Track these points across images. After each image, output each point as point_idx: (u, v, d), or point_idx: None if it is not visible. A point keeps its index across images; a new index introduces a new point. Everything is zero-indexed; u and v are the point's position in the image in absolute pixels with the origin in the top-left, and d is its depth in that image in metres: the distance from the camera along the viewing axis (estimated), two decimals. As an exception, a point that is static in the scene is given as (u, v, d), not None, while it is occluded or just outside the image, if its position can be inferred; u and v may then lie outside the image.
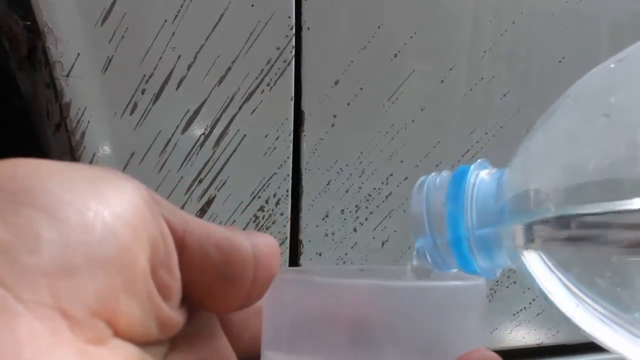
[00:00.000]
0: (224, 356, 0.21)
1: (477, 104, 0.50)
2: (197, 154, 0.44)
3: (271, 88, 0.44)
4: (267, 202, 0.46)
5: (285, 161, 0.46)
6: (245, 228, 0.46)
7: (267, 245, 0.20)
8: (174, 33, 0.42)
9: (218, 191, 0.45)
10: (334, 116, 0.46)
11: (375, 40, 0.46)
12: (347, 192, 0.48)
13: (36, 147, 0.45)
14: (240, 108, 0.44)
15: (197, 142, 0.44)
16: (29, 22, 0.39)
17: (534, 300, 0.54)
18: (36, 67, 0.41)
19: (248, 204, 0.45)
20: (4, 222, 0.15)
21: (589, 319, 0.19)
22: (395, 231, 0.49)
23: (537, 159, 0.20)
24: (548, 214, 0.18)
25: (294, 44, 0.44)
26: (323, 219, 0.47)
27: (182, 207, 0.44)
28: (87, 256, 0.16)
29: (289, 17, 0.44)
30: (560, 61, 0.52)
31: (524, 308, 0.54)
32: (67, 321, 0.15)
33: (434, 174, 0.23)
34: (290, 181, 0.46)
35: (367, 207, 0.48)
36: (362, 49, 0.46)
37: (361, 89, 0.47)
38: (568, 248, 0.18)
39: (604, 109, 0.18)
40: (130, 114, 0.42)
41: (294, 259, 0.48)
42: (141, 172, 0.42)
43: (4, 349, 0.13)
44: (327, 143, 0.46)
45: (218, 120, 0.44)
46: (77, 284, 0.15)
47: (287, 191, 0.46)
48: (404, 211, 0.49)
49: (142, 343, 0.18)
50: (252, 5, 0.43)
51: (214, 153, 0.44)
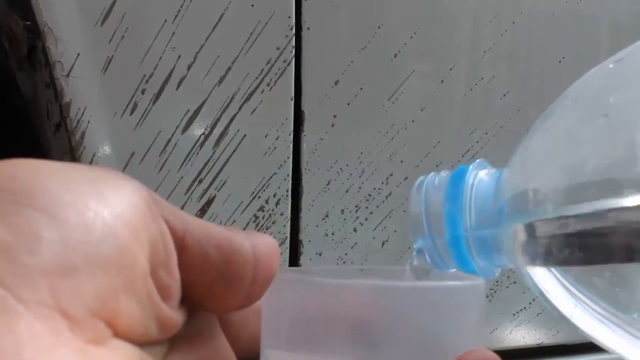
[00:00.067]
0: (223, 356, 0.21)
1: (477, 104, 0.50)
2: (197, 154, 0.44)
3: (271, 88, 0.44)
4: (267, 202, 0.46)
5: (285, 161, 0.46)
6: (245, 228, 0.46)
7: (267, 245, 0.20)
8: (174, 33, 0.42)
9: (218, 191, 0.45)
10: (334, 116, 0.46)
11: (375, 40, 0.46)
12: (347, 192, 0.48)
13: (36, 147, 0.45)
14: (240, 108, 0.44)
15: (197, 142, 0.44)
16: (29, 22, 0.39)
17: (534, 300, 0.54)
18: (36, 67, 0.41)
19: (248, 204, 0.45)
20: (4, 222, 0.15)
21: (587, 319, 0.19)
22: (395, 231, 0.49)
23: (535, 159, 0.20)
24: (546, 214, 0.18)
25: (294, 44, 0.44)
26: (323, 219, 0.47)
27: (182, 207, 0.44)
28: (87, 256, 0.16)
29: (289, 17, 0.44)
30: (560, 61, 0.52)
31: (524, 308, 0.54)
32: (67, 321, 0.15)
33: (432, 174, 0.23)
34: (290, 181, 0.46)
35: (367, 207, 0.48)
36: (362, 49, 0.46)
37: (361, 89, 0.47)
38: (566, 248, 0.18)
39: (602, 109, 0.18)
40: (130, 114, 0.42)
41: (294, 259, 0.48)
42: (141, 172, 0.42)
43: (4, 349, 0.14)
44: (327, 143, 0.46)
45: (218, 120, 0.44)
46: (77, 284, 0.15)
47: (287, 191, 0.46)
48: (404, 211, 0.49)
49: (142, 343, 0.18)
50: (252, 5, 0.43)
51: (214, 153, 0.44)
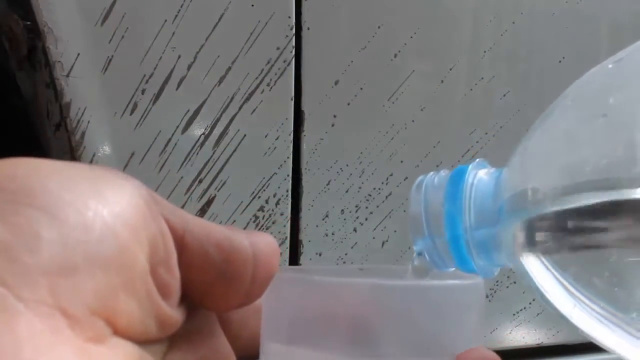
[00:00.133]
0: (223, 354, 0.21)
1: (477, 104, 0.50)
2: (197, 154, 0.44)
3: (271, 88, 0.44)
4: (267, 202, 0.46)
5: (285, 161, 0.46)
6: (245, 228, 0.46)
7: (267, 244, 0.20)
8: (174, 33, 0.42)
9: (218, 191, 0.45)
10: (334, 116, 0.46)
11: (375, 40, 0.46)
12: (347, 192, 0.48)
13: (36, 147, 0.45)
14: (240, 108, 0.44)
15: (197, 142, 0.44)
16: (29, 22, 0.39)
17: (534, 300, 0.54)
18: (36, 67, 0.41)
19: (248, 204, 0.45)
20: (4, 222, 0.15)
21: (586, 318, 0.19)
22: (395, 231, 0.49)
23: (535, 159, 0.20)
24: (545, 212, 0.18)
25: (294, 44, 0.44)
26: (323, 219, 0.47)
27: (182, 207, 0.44)
28: (87, 255, 0.16)
29: (289, 17, 0.44)
30: (560, 61, 0.52)
31: (524, 308, 0.54)
32: (67, 320, 0.15)
33: (432, 173, 0.23)
34: (290, 181, 0.46)
35: (367, 207, 0.48)
36: (362, 49, 0.46)
37: (361, 89, 0.47)
38: (565, 248, 0.18)
39: (602, 109, 0.18)
40: (130, 114, 0.42)
41: (294, 259, 0.48)
42: (141, 172, 0.42)
43: (4, 347, 0.14)
44: (327, 143, 0.46)
45: (218, 120, 0.44)
46: (76, 283, 0.15)
47: (287, 191, 0.46)
48: (404, 211, 0.49)
49: (142, 341, 0.18)
50: (252, 5, 0.43)
51: (214, 153, 0.44)
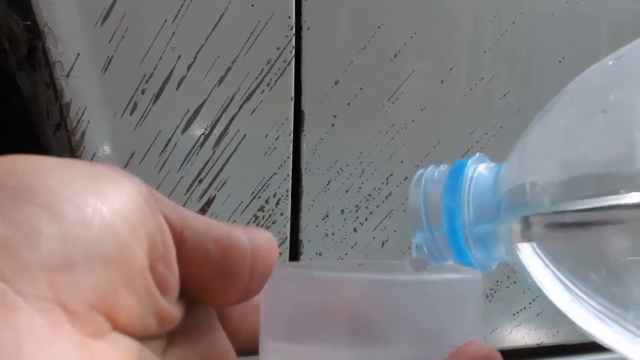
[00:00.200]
0: (222, 350, 0.21)
1: (477, 104, 0.50)
2: (197, 154, 0.44)
3: (271, 88, 0.44)
4: (267, 202, 0.46)
5: (285, 161, 0.46)
6: (245, 228, 0.45)
7: (265, 240, 0.20)
8: (174, 33, 0.42)
9: (218, 191, 0.45)
10: (334, 116, 0.46)
11: (375, 40, 0.46)
12: (347, 192, 0.48)
13: (36, 147, 0.45)
14: (240, 108, 0.44)
15: (197, 142, 0.44)
16: (29, 22, 0.39)
17: (534, 300, 0.53)
18: (36, 67, 0.41)
19: (248, 204, 0.45)
20: (4, 218, 0.15)
21: (583, 314, 0.19)
22: (395, 231, 0.49)
23: (534, 154, 0.20)
24: (543, 208, 0.18)
25: (294, 44, 0.44)
26: (323, 219, 0.47)
27: (182, 207, 0.43)
28: (86, 252, 0.16)
29: (289, 17, 0.44)
30: (560, 61, 0.52)
31: (524, 308, 0.54)
32: (67, 315, 0.15)
33: (432, 167, 0.23)
34: (290, 181, 0.46)
35: (367, 207, 0.48)
36: (362, 49, 0.46)
37: (361, 89, 0.47)
38: (563, 243, 0.18)
39: (601, 105, 0.18)
40: (130, 114, 0.42)
41: (294, 259, 0.48)
42: (141, 172, 0.42)
43: (4, 342, 0.14)
44: (327, 143, 0.46)
45: (218, 120, 0.44)
46: (76, 278, 0.15)
47: (287, 191, 0.46)
48: (404, 211, 0.49)
49: (141, 337, 0.18)
50: (252, 5, 0.43)
51: (214, 153, 0.44)
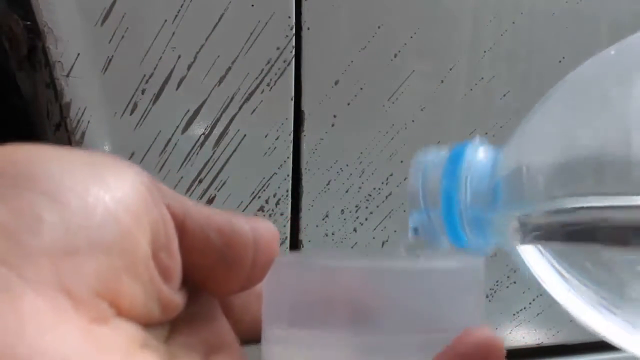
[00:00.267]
0: (225, 338, 0.21)
1: (477, 104, 0.50)
2: (197, 154, 0.44)
3: (271, 88, 0.44)
4: (267, 202, 0.46)
5: (285, 161, 0.46)
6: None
7: (267, 229, 0.20)
8: (174, 33, 0.42)
9: (218, 191, 0.45)
10: (334, 116, 0.46)
11: (375, 40, 0.46)
12: (347, 192, 0.48)
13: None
14: (240, 108, 0.44)
15: (197, 142, 0.44)
16: (29, 22, 0.39)
17: (534, 300, 0.54)
18: (36, 67, 0.41)
19: (248, 204, 0.45)
20: (6, 205, 0.15)
21: (579, 304, 0.19)
22: (395, 231, 0.49)
23: (532, 139, 0.20)
24: (540, 201, 0.18)
25: (294, 44, 0.44)
26: (323, 219, 0.47)
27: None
28: (88, 239, 0.16)
29: (289, 17, 0.44)
30: (560, 61, 0.52)
31: (524, 308, 0.54)
32: (71, 300, 0.15)
33: (432, 149, 0.23)
34: (290, 181, 0.46)
35: (367, 207, 0.48)
36: (362, 49, 0.46)
37: (361, 89, 0.47)
38: (558, 236, 0.18)
39: (600, 94, 0.18)
40: (130, 114, 0.42)
41: (294, 259, 0.48)
42: (141, 172, 0.42)
43: (8, 326, 0.13)
44: (327, 143, 0.46)
45: (218, 120, 0.44)
46: (79, 265, 0.15)
47: (287, 191, 0.46)
48: (404, 211, 0.49)
49: (145, 324, 0.18)
50: (252, 5, 0.43)
51: (214, 153, 0.44)
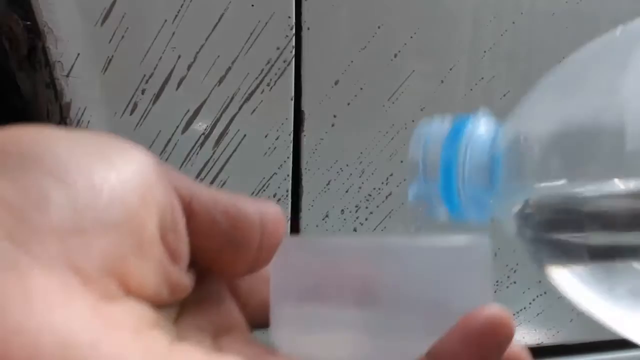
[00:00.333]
0: (233, 320, 0.21)
1: (477, 104, 0.50)
2: (197, 154, 0.44)
3: (271, 88, 0.44)
4: (267, 202, 0.46)
5: (285, 161, 0.46)
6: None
7: (274, 212, 0.20)
8: (174, 33, 0.42)
9: (218, 191, 0.44)
10: (334, 116, 0.46)
11: (375, 40, 0.46)
12: (347, 192, 0.48)
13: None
14: (240, 108, 0.44)
15: (197, 142, 0.44)
16: (29, 22, 0.39)
17: (534, 300, 0.54)
18: (36, 67, 0.41)
19: (248, 204, 0.45)
20: (13, 183, 0.15)
21: (579, 285, 0.19)
22: (395, 231, 0.49)
23: (531, 110, 0.20)
24: (536, 173, 0.18)
25: (294, 44, 0.44)
26: (323, 219, 0.47)
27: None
28: (96, 219, 0.16)
29: (289, 17, 0.44)
30: (560, 61, 0.52)
31: (524, 308, 0.54)
32: (79, 278, 0.15)
33: (435, 119, 0.23)
34: (290, 181, 0.46)
35: (367, 207, 0.48)
36: (362, 49, 0.46)
37: (361, 89, 0.47)
38: (555, 219, 0.18)
39: (604, 72, 0.18)
40: (130, 114, 0.42)
41: (294, 259, 0.48)
42: (141, 172, 0.42)
43: (16, 303, 0.13)
44: (327, 143, 0.46)
45: (218, 120, 0.44)
46: (87, 243, 0.15)
47: (287, 191, 0.46)
48: (404, 211, 0.49)
49: (154, 305, 0.18)
50: (252, 5, 0.43)
51: (214, 153, 0.44)
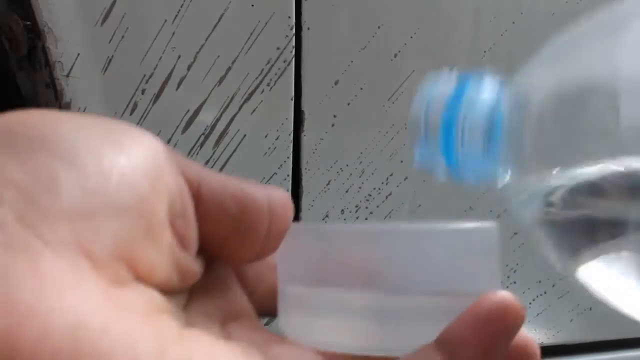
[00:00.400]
0: (241, 307, 0.21)
1: (477, 104, 0.50)
2: (197, 154, 0.44)
3: (271, 88, 0.44)
4: (267, 202, 0.46)
5: (285, 161, 0.46)
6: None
7: (282, 198, 0.20)
8: (174, 33, 0.42)
9: (218, 191, 0.44)
10: (334, 116, 0.46)
11: (375, 40, 0.46)
12: (347, 192, 0.48)
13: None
14: (240, 108, 0.44)
15: (197, 142, 0.44)
16: (29, 22, 0.39)
17: (534, 300, 0.54)
18: (36, 67, 0.41)
19: (248, 204, 0.45)
20: (21, 166, 0.15)
21: (614, 273, 0.19)
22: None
23: (532, 72, 0.20)
24: (534, 133, 0.18)
25: (294, 44, 0.44)
26: (323, 219, 0.47)
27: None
28: (105, 203, 0.15)
29: (289, 17, 0.44)
30: (560, 61, 0.52)
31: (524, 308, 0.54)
32: (90, 261, 0.15)
33: (440, 76, 0.23)
34: (290, 181, 0.46)
35: (367, 207, 0.48)
36: (362, 49, 0.46)
37: (361, 89, 0.47)
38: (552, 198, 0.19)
39: (605, 35, 0.18)
40: (130, 114, 0.42)
41: (294, 259, 0.48)
42: (141, 172, 0.42)
43: (27, 286, 0.13)
44: (327, 143, 0.46)
45: (218, 120, 0.44)
46: (97, 227, 0.15)
47: (287, 191, 0.46)
48: (404, 211, 0.49)
49: (163, 290, 0.18)
50: (252, 5, 0.43)
51: (214, 153, 0.44)
